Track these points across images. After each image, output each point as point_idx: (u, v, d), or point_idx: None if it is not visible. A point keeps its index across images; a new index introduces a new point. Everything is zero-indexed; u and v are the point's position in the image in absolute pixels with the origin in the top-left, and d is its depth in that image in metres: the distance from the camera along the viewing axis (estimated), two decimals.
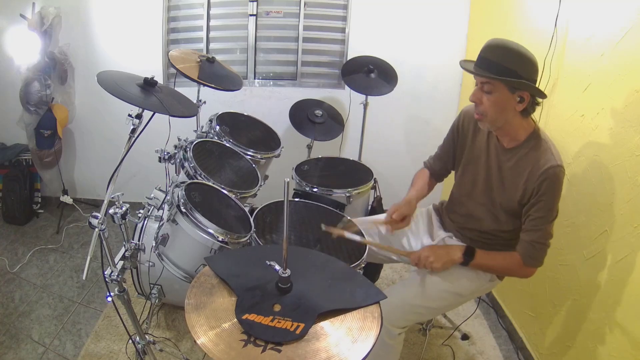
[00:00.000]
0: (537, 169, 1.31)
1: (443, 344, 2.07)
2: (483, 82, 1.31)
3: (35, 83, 2.66)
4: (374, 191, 2.15)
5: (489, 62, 1.28)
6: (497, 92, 1.29)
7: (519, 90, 1.28)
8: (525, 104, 1.30)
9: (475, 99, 1.34)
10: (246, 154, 2.03)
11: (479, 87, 1.33)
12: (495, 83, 1.28)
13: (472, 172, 1.54)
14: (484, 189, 1.51)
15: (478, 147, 1.52)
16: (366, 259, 1.48)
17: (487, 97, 1.31)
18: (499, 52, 1.28)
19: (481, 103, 1.33)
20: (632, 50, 1.42)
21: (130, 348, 1.82)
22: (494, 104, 1.31)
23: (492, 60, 1.28)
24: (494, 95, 1.30)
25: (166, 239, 1.51)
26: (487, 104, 1.32)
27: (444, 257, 1.45)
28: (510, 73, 1.25)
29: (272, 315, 0.84)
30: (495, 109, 1.31)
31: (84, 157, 3.12)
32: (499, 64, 1.26)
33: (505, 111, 1.32)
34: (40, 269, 2.49)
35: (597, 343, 1.55)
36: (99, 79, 1.30)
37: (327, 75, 2.98)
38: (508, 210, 1.44)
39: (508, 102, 1.30)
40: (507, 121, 1.35)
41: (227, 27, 2.85)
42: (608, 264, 1.51)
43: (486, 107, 1.32)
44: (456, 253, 1.46)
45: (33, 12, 2.61)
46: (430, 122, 2.98)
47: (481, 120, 1.37)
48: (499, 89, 1.28)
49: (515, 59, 1.26)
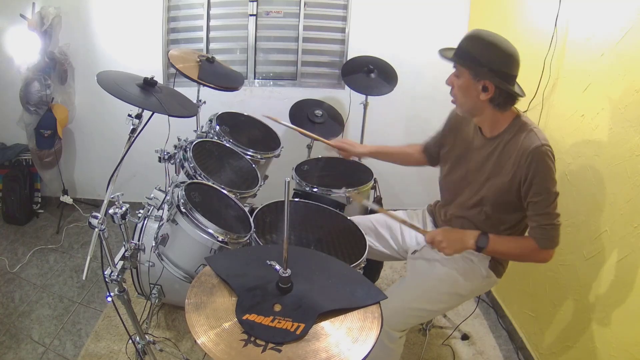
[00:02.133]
0: (523, 151, 1.31)
1: (443, 344, 2.07)
2: (454, 66, 1.38)
3: (35, 83, 2.66)
4: (374, 191, 2.15)
5: (458, 49, 1.36)
6: (462, 77, 1.35)
7: (482, 79, 1.31)
8: (491, 94, 1.31)
9: (449, 82, 1.42)
10: (246, 154, 2.03)
11: (454, 72, 1.40)
12: (460, 68, 1.35)
13: (458, 168, 1.55)
14: (468, 182, 1.51)
15: (465, 143, 1.53)
16: (366, 257, 1.48)
17: (456, 81, 1.38)
18: (470, 40, 1.34)
19: (454, 87, 1.40)
20: (632, 50, 1.42)
21: (130, 348, 1.82)
22: (459, 88, 1.38)
23: (462, 47, 1.35)
24: (460, 79, 1.37)
25: (166, 239, 1.51)
26: (456, 87, 1.39)
27: (456, 244, 1.42)
28: (471, 60, 1.30)
29: (273, 316, 0.84)
30: (460, 93, 1.38)
31: (84, 157, 3.12)
32: (466, 51, 1.33)
33: (470, 97, 1.36)
34: (40, 269, 2.49)
35: (597, 343, 1.55)
36: (98, 79, 1.30)
37: (327, 75, 2.98)
38: (495, 203, 1.43)
39: (471, 88, 1.35)
40: (475, 108, 1.39)
41: (227, 27, 2.85)
42: (608, 264, 1.51)
43: (456, 90, 1.40)
44: (469, 240, 1.42)
45: (33, 12, 2.61)
46: (430, 122, 2.94)
47: (455, 104, 1.44)
48: (463, 74, 1.35)
49: (482, 48, 1.30)
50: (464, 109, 1.42)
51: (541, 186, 1.32)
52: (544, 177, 1.31)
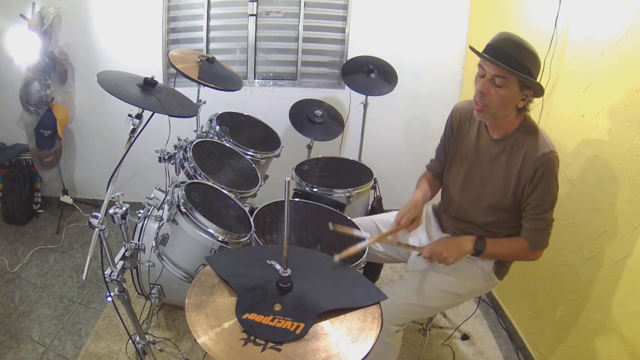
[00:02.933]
0: (531, 156, 1.31)
1: (443, 344, 2.07)
2: (498, 75, 1.26)
3: (35, 83, 2.66)
4: (374, 191, 2.15)
5: (505, 55, 1.24)
6: (509, 87, 1.26)
7: (527, 89, 1.28)
8: (526, 102, 1.31)
9: (485, 89, 1.30)
10: (246, 154, 2.03)
11: (489, 79, 1.28)
12: (511, 79, 1.25)
13: (462, 168, 1.54)
14: (471, 184, 1.51)
15: (468, 143, 1.52)
16: (366, 259, 1.48)
17: (496, 91, 1.28)
18: (514, 46, 1.25)
19: (488, 95, 1.30)
20: (632, 50, 1.42)
21: (130, 348, 1.81)
22: (502, 98, 1.28)
23: (509, 53, 1.23)
24: (504, 89, 1.27)
25: (166, 239, 1.51)
26: (495, 97, 1.29)
27: (456, 251, 1.43)
28: (526, 70, 1.24)
29: (273, 315, 0.84)
30: (501, 103, 1.30)
31: (84, 157, 3.12)
32: (516, 59, 1.23)
33: (509, 107, 1.32)
34: (40, 269, 2.49)
35: (597, 343, 1.55)
36: (99, 79, 1.30)
37: (327, 75, 2.98)
38: (498, 205, 1.43)
39: (514, 99, 1.30)
40: (505, 115, 1.35)
41: (227, 27, 2.85)
42: (608, 264, 1.51)
43: (493, 100, 1.30)
44: (467, 245, 1.44)
45: (33, 12, 2.61)
46: (430, 122, 2.97)
47: (482, 112, 1.34)
48: (511, 85, 1.26)
49: (529, 56, 1.25)
50: (493, 117, 1.35)
51: (544, 192, 1.32)
52: (548, 184, 1.31)
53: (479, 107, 1.34)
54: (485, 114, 1.35)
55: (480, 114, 1.36)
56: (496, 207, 1.44)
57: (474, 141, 1.50)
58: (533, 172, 1.31)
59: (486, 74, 1.29)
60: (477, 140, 1.49)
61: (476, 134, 1.49)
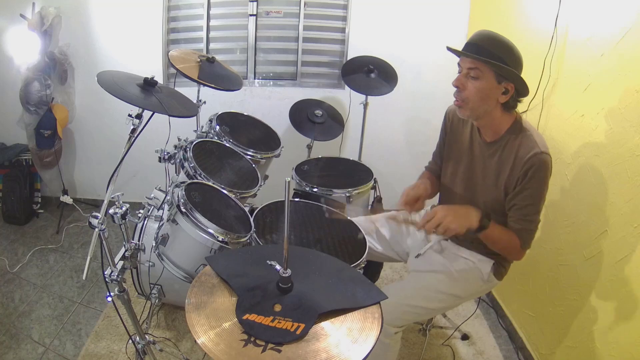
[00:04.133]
0: (521, 156, 1.29)
1: (443, 344, 2.07)
2: (471, 67, 1.27)
3: (35, 83, 2.66)
4: (374, 191, 2.15)
5: (477, 47, 1.25)
6: (484, 79, 1.27)
7: (505, 81, 1.27)
8: (508, 97, 1.29)
9: (459, 83, 1.31)
10: (246, 154, 2.03)
11: (464, 73, 1.30)
12: (484, 69, 1.25)
13: (456, 169, 1.54)
14: (466, 185, 1.50)
15: (462, 143, 1.51)
16: (366, 259, 1.48)
17: (472, 83, 1.28)
18: (488, 39, 1.27)
19: (465, 89, 1.30)
20: (632, 50, 1.42)
21: (130, 348, 1.81)
22: (478, 90, 1.28)
23: (482, 45, 1.25)
24: (480, 81, 1.27)
25: (166, 239, 1.51)
26: (471, 90, 1.29)
27: (463, 220, 1.32)
28: (498, 59, 1.24)
29: (273, 316, 0.84)
30: (479, 96, 1.29)
31: (84, 157, 3.12)
32: (488, 50, 1.24)
33: (488, 100, 1.30)
34: (40, 269, 2.49)
35: (597, 343, 1.55)
36: (99, 79, 1.30)
37: (327, 75, 2.98)
38: (493, 207, 1.41)
39: (492, 91, 1.28)
40: (487, 111, 1.33)
41: (227, 27, 2.85)
42: (608, 264, 1.51)
43: (470, 94, 1.29)
44: (474, 218, 1.33)
45: (33, 12, 2.61)
46: (430, 122, 2.96)
47: (462, 107, 1.34)
48: (486, 76, 1.26)
49: (504, 48, 1.26)
50: (474, 112, 1.34)
51: (533, 193, 1.31)
52: (537, 185, 1.30)
53: (457, 102, 1.35)
54: (465, 110, 1.35)
55: (460, 110, 1.36)
56: (491, 209, 1.43)
57: (467, 144, 1.49)
58: (524, 172, 1.29)
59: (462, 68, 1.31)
60: (471, 143, 1.48)
61: (469, 136, 1.49)
